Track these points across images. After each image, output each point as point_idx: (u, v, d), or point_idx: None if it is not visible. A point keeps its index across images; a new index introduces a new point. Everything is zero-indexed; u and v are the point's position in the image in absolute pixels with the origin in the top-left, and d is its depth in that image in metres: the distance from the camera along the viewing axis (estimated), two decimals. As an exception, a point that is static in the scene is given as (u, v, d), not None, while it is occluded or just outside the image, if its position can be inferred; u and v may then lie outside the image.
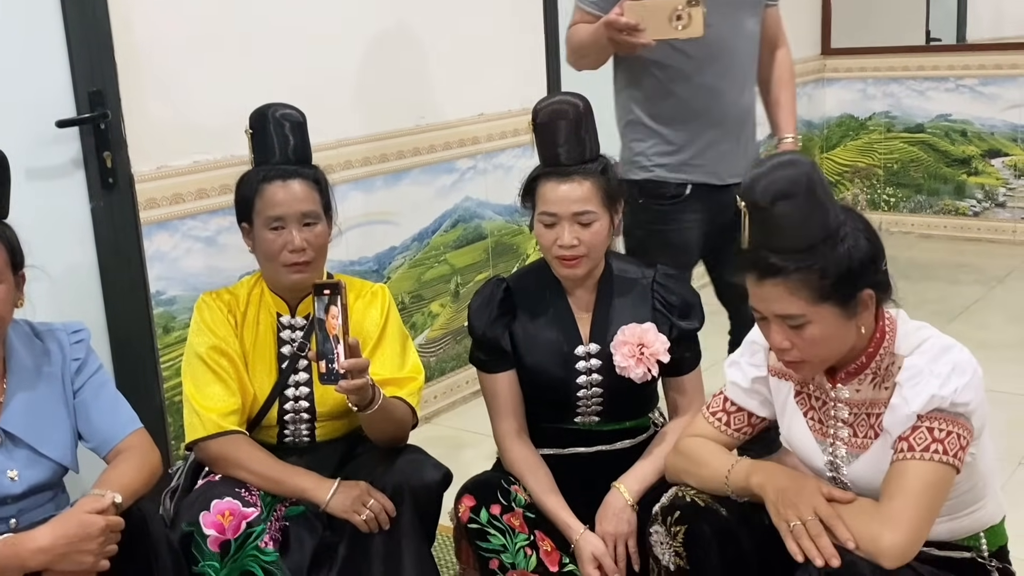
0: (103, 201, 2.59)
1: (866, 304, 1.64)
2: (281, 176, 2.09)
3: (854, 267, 1.60)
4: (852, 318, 1.63)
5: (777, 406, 1.87)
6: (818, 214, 1.57)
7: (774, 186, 1.57)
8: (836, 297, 1.59)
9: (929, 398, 1.60)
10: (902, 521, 1.56)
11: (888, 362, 1.69)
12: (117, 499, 1.77)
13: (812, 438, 1.81)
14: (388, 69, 3.34)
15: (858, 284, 1.61)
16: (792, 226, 1.57)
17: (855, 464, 1.74)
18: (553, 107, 2.12)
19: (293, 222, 2.07)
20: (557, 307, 2.18)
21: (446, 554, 2.58)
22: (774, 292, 1.61)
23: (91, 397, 1.97)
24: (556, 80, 3.97)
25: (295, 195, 2.07)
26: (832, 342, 1.63)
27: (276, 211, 2.07)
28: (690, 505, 1.76)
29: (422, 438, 2.25)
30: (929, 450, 1.59)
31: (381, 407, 1.97)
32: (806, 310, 1.60)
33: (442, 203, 3.61)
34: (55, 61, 2.48)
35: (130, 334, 2.67)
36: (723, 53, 2.60)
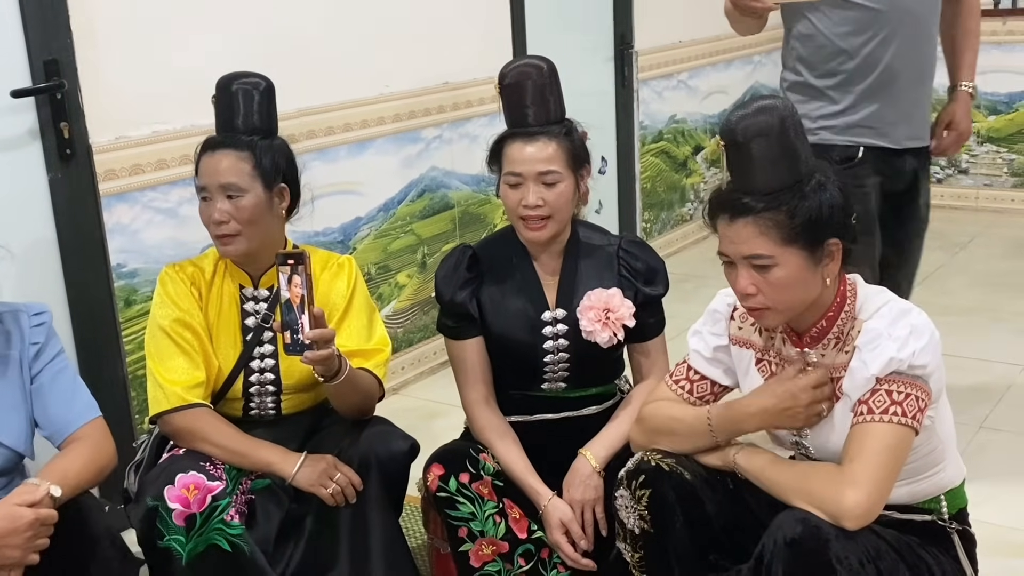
0: (61, 173, 2.54)
1: (832, 254, 1.66)
2: (212, 146, 2.07)
3: (824, 213, 1.63)
4: (818, 265, 1.65)
5: (740, 375, 1.89)
6: (790, 157, 1.61)
7: (752, 126, 1.61)
8: (803, 241, 1.62)
9: (887, 361, 1.62)
10: (864, 482, 1.58)
11: (849, 326, 1.72)
12: (55, 492, 1.71)
13: None
14: (352, 37, 3.29)
15: (826, 231, 1.64)
16: (764, 166, 1.61)
17: (816, 430, 1.76)
18: (520, 69, 2.13)
19: (215, 193, 2.04)
20: (524, 273, 2.18)
21: (414, 524, 2.59)
22: (744, 232, 1.64)
23: (48, 383, 1.92)
24: (522, 49, 3.94)
25: (218, 166, 2.04)
26: (797, 289, 1.65)
27: (201, 180, 2.06)
28: (655, 469, 1.78)
29: (390, 409, 2.25)
30: (888, 412, 1.61)
31: (347, 378, 1.96)
32: (774, 251, 1.62)
33: (408, 173, 3.58)
34: (9, 30, 2.43)
35: (91, 308, 2.64)
36: (895, 7, 2.50)
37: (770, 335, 1.82)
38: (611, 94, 4.64)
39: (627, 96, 4.66)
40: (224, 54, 2.75)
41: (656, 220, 5.02)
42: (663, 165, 5.02)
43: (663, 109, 4.96)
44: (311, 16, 3.16)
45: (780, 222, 1.61)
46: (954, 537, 1.79)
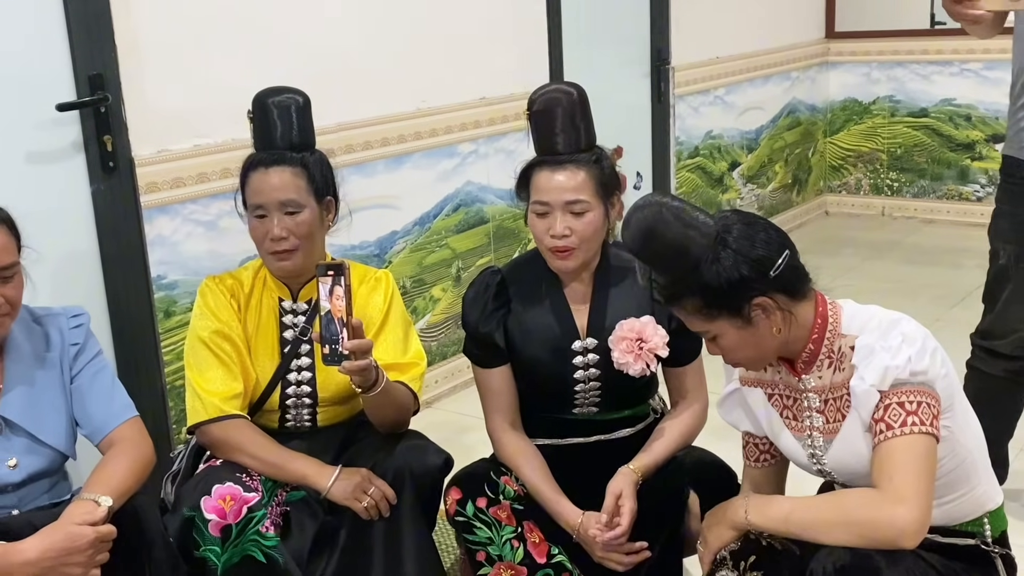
0: (104, 185, 2.58)
1: (765, 309, 1.67)
2: (264, 163, 2.08)
3: (725, 286, 1.65)
4: (753, 325, 1.68)
5: (758, 415, 1.89)
6: (683, 242, 1.65)
7: (637, 231, 1.67)
8: (724, 313, 1.68)
9: (884, 371, 1.63)
10: (910, 495, 1.57)
11: (838, 343, 1.72)
12: (107, 502, 1.75)
13: (791, 435, 1.83)
14: (390, 53, 3.32)
15: (740, 298, 1.66)
16: (663, 260, 1.69)
17: (831, 450, 1.76)
18: (549, 95, 2.11)
19: (273, 210, 2.06)
20: (553, 299, 2.15)
21: (447, 539, 2.59)
22: (679, 315, 1.75)
23: (87, 383, 1.96)
24: (559, 64, 3.95)
25: (275, 183, 2.06)
26: (748, 349, 1.71)
27: (257, 199, 2.07)
28: (766, 549, 1.74)
29: (423, 423, 2.25)
30: (907, 424, 1.61)
31: (384, 390, 1.97)
32: (708, 326, 1.71)
33: (443, 187, 3.60)
34: (55, 44, 2.47)
35: (131, 318, 2.67)
36: None
37: (776, 369, 1.82)
38: (647, 109, 4.64)
39: (663, 111, 4.66)
40: (264, 69, 2.78)
41: (691, 236, 5.00)
42: (699, 181, 5.01)
43: (699, 125, 4.95)
44: (350, 32, 3.19)
45: (696, 305, 1.69)
46: (998, 563, 1.76)
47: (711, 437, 2.27)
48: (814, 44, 5.85)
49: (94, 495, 1.76)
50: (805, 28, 5.78)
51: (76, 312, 2.00)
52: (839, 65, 5.96)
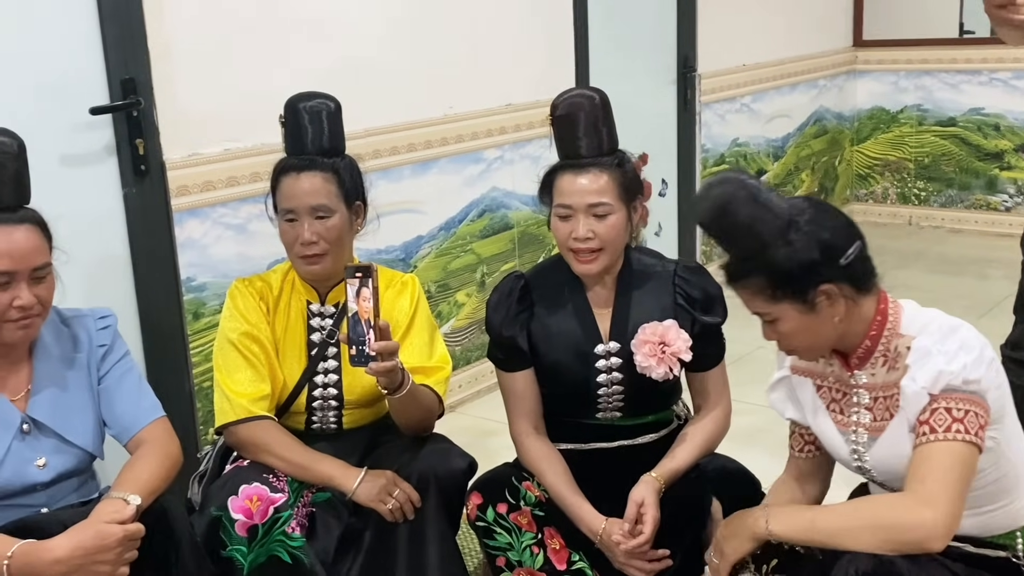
0: (135, 188, 2.61)
1: (831, 297, 1.68)
2: (296, 168, 2.10)
3: (796, 268, 1.65)
4: (815, 312, 1.68)
5: (804, 404, 1.88)
6: (757, 221, 1.65)
7: (712, 204, 1.68)
8: (789, 297, 1.68)
9: (937, 374, 1.62)
10: (940, 500, 1.57)
11: (896, 343, 1.72)
12: (136, 501, 1.77)
13: (835, 429, 1.82)
14: (417, 58, 3.34)
15: (807, 283, 1.66)
16: (735, 236, 1.69)
17: (874, 447, 1.76)
18: (572, 100, 2.12)
19: (304, 215, 2.08)
20: (576, 303, 2.16)
21: (470, 542, 2.59)
22: (742, 294, 1.74)
23: (115, 384, 1.98)
24: (584, 70, 3.96)
25: (306, 188, 2.08)
26: (806, 335, 1.71)
27: (288, 203, 2.09)
28: (788, 553, 1.73)
29: (446, 427, 2.26)
30: (951, 430, 1.61)
31: (410, 392, 1.98)
32: (768, 309, 1.70)
33: (469, 192, 3.61)
34: (89, 49, 2.51)
35: (161, 320, 2.70)
36: None
37: (828, 362, 1.82)
38: (673, 117, 4.64)
39: (689, 119, 4.66)
40: (294, 74, 2.81)
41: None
42: (724, 188, 4.99)
43: (725, 132, 4.94)
44: (379, 39, 3.22)
45: (761, 285, 1.69)
46: (1027, 577, 1.75)
47: (734, 445, 2.27)
48: (841, 52, 5.82)
49: (123, 494, 1.78)
50: (832, 36, 5.76)
51: (104, 314, 2.03)
52: (867, 73, 5.93)
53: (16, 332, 1.83)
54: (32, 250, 1.81)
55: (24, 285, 1.80)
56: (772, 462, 2.08)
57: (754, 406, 3.31)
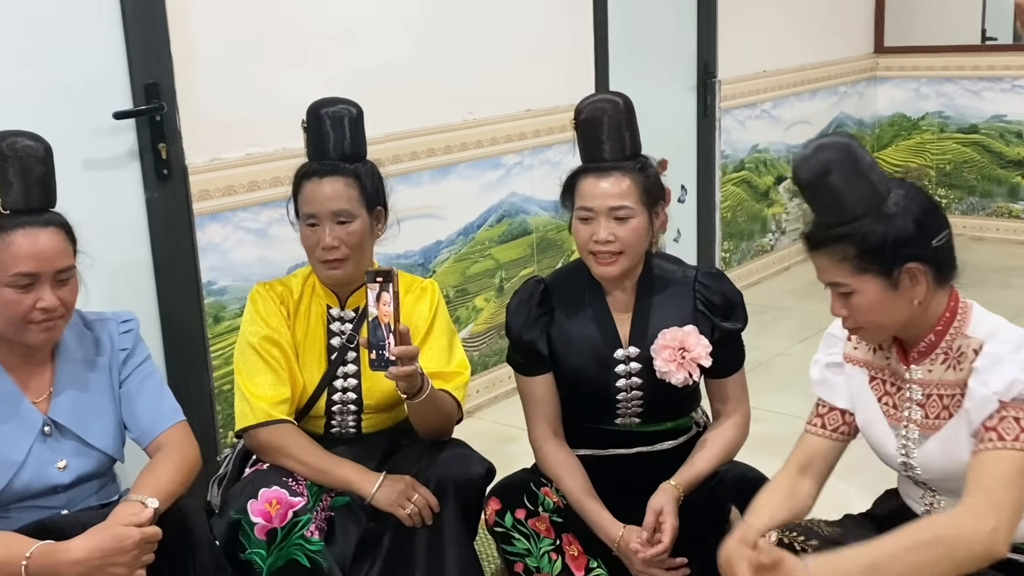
0: (158, 192, 2.63)
1: (914, 277, 1.67)
2: (317, 173, 2.11)
3: (889, 242, 1.64)
4: (897, 290, 1.66)
5: (853, 394, 1.87)
6: (856, 189, 1.65)
7: (814, 165, 1.66)
8: (875, 269, 1.66)
9: (1011, 382, 1.62)
10: (1004, 509, 1.57)
11: (960, 343, 1.71)
12: (154, 504, 1.78)
13: (885, 423, 1.81)
14: (437, 64, 3.36)
15: (896, 258, 1.65)
16: (831, 201, 1.67)
17: (926, 445, 1.74)
18: (596, 104, 2.13)
19: (326, 220, 2.09)
20: (596, 308, 2.16)
21: (488, 548, 2.59)
22: (821, 262, 1.70)
23: (135, 387, 1.99)
24: (604, 75, 3.96)
25: (328, 193, 2.09)
26: (880, 312, 1.69)
27: (310, 208, 2.11)
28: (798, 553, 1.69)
29: (464, 432, 2.26)
30: (1020, 439, 1.60)
31: (429, 397, 1.99)
32: (849, 279, 1.68)
33: (488, 198, 3.62)
34: (113, 54, 2.53)
35: (181, 323, 2.72)
36: None
37: (884, 354, 1.82)
38: (693, 123, 4.63)
39: (709, 125, 4.65)
40: (315, 80, 2.82)
41: (736, 250, 4.98)
42: (744, 195, 4.98)
43: (745, 138, 4.93)
44: (400, 44, 3.23)
45: (849, 254, 1.66)
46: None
47: (752, 452, 2.26)
48: (862, 59, 5.80)
49: (141, 497, 1.79)
50: (853, 43, 5.74)
51: (126, 317, 2.04)
52: (888, 80, 5.90)
53: (39, 334, 1.84)
54: (57, 253, 1.83)
55: (48, 287, 1.82)
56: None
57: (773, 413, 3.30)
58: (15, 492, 1.84)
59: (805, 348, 4.15)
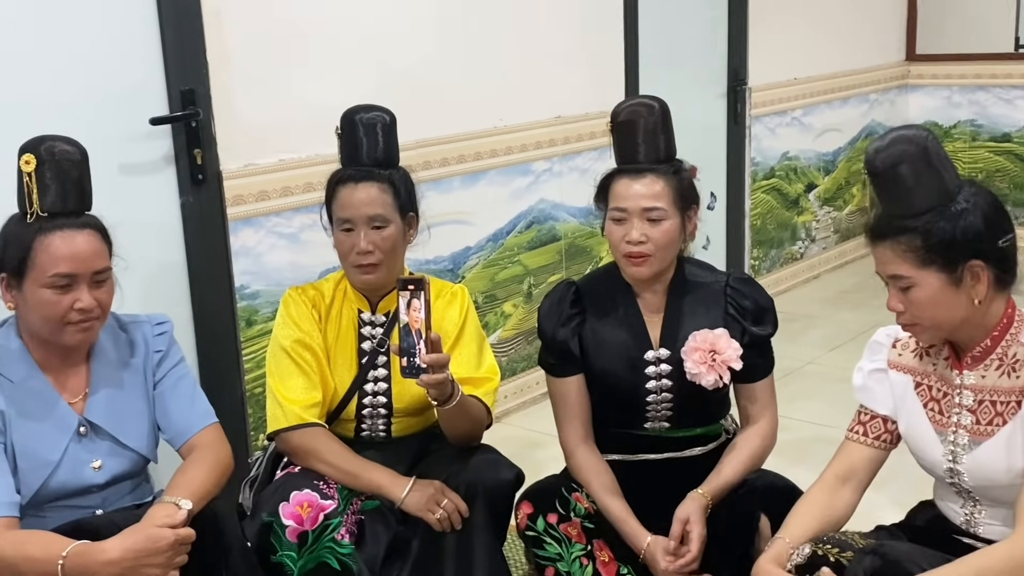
0: (192, 197, 2.67)
1: (976, 275, 1.66)
2: (353, 179, 2.13)
3: (957, 236, 1.64)
4: (959, 286, 1.66)
5: (896, 400, 1.86)
6: (927, 183, 1.66)
7: (889, 156, 1.68)
8: (939, 263, 1.66)
9: None
10: None
11: (1016, 350, 1.70)
12: (187, 505, 1.79)
13: (931, 429, 1.80)
14: (468, 71, 3.37)
15: (962, 254, 1.65)
16: (900, 192, 1.68)
17: (976, 451, 1.73)
18: (632, 108, 2.15)
19: (361, 224, 2.11)
20: (627, 310, 2.17)
21: (516, 553, 2.60)
22: (884, 254, 1.71)
23: (169, 389, 2.01)
24: (634, 84, 3.97)
25: (363, 198, 2.11)
26: (939, 308, 1.68)
27: (344, 213, 2.13)
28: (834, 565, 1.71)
29: (492, 438, 2.26)
30: None
31: (459, 403, 2.00)
32: (911, 272, 1.68)
33: (517, 204, 3.63)
34: (150, 60, 2.57)
35: (214, 326, 2.75)
36: None
37: (931, 360, 1.81)
38: (723, 130, 4.63)
39: (739, 132, 4.64)
40: (347, 87, 2.85)
41: (765, 258, 4.96)
42: (774, 202, 4.97)
43: (775, 146, 4.91)
44: (431, 52, 3.25)
45: (914, 246, 1.66)
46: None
47: (780, 461, 2.26)
48: (894, 66, 5.76)
49: (175, 498, 1.81)
50: (885, 50, 5.71)
51: (160, 320, 2.06)
52: (919, 88, 5.86)
53: (76, 335, 1.87)
54: (93, 254, 1.86)
55: (85, 288, 1.84)
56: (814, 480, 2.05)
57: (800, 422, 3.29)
58: (51, 491, 1.87)
59: (834, 357, 4.13)
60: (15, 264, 1.83)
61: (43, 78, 2.37)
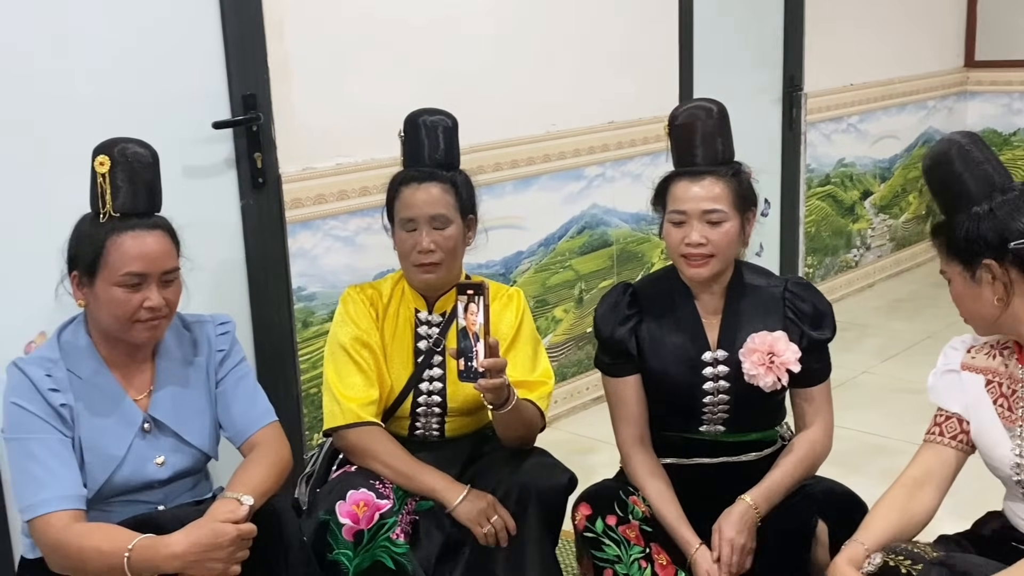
0: (252, 199, 2.71)
1: (992, 274, 1.72)
2: (416, 179, 2.17)
3: (971, 236, 1.73)
4: (977, 284, 1.74)
5: (968, 399, 1.85)
6: (946, 185, 1.78)
7: (928, 157, 1.83)
8: (959, 260, 1.77)
9: None
10: None
11: None
12: (249, 501, 1.82)
13: (1000, 425, 1.79)
14: (521, 76, 3.39)
15: (976, 253, 1.73)
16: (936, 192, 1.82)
17: None
18: (690, 110, 2.15)
19: (423, 224, 2.14)
20: (685, 311, 2.17)
21: (567, 558, 2.60)
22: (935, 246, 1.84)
23: (231, 388, 2.05)
24: (688, 89, 3.96)
25: (426, 198, 2.14)
26: (967, 303, 1.79)
27: (408, 212, 2.15)
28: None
29: (542, 442, 2.26)
30: None
31: (514, 407, 2.01)
32: (945, 268, 1.81)
33: (569, 209, 3.64)
34: (213, 66, 2.62)
35: (272, 327, 2.79)
36: None
37: (1004, 360, 1.81)
38: (778, 136, 4.59)
39: (794, 138, 4.61)
40: (403, 92, 2.88)
41: (819, 265, 4.91)
42: (829, 209, 4.92)
43: (831, 152, 4.87)
44: (484, 57, 3.28)
45: (943, 243, 1.80)
46: None
47: (836, 470, 2.24)
48: (952, 73, 5.68)
49: (237, 494, 1.84)
50: (943, 56, 5.62)
51: (223, 320, 2.10)
52: (978, 95, 5.77)
53: (144, 332, 1.91)
54: (163, 254, 1.90)
55: (154, 287, 1.89)
56: (870, 490, 2.04)
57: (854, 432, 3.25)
58: (115, 486, 1.91)
59: (889, 367, 4.08)
60: (88, 263, 1.88)
61: (114, 82, 2.43)
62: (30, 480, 1.82)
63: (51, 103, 2.33)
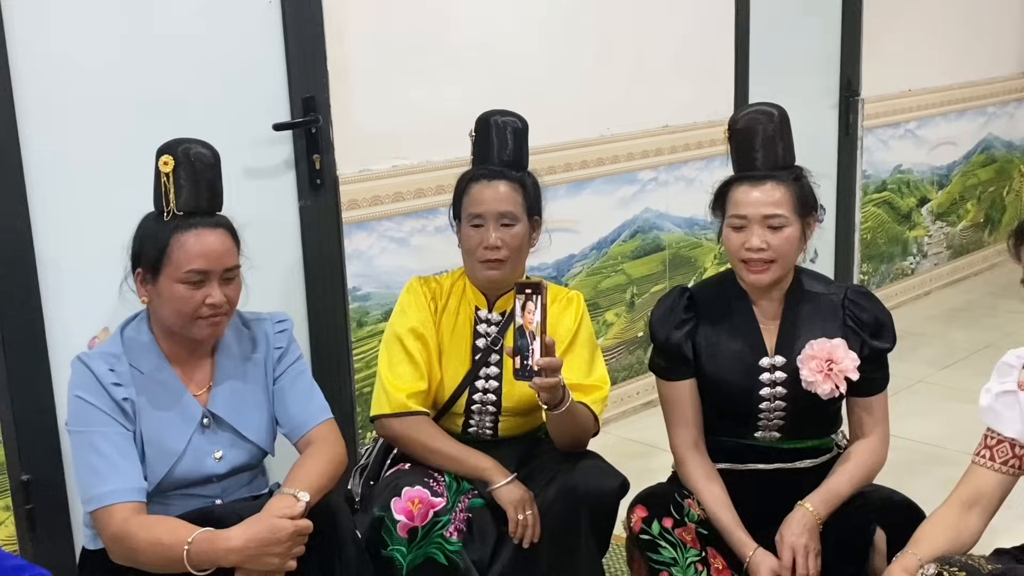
0: (310, 200, 2.75)
1: None
2: (486, 176, 2.19)
3: None
4: None
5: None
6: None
7: None
8: None
9: None
10: None
11: None
12: (305, 498, 1.85)
13: None
14: (576, 80, 3.40)
15: None
16: None
17: None
18: (751, 115, 2.14)
19: (491, 220, 2.16)
20: (742, 316, 2.16)
21: (617, 562, 2.60)
22: None
23: (288, 385, 2.08)
24: (744, 93, 3.93)
25: (494, 195, 2.17)
26: None
27: (476, 209, 2.17)
28: None
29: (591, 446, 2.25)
30: None
31: (568, 409, 2.01)
32: None
33: (622, 213, 3.63)
34: (274, 68, 2.66)
35: (327, 326, 2.82)
36: None
37: None
38: (834, 141, 4.54)
39: (850, 144, 4.55)
40: (460, 96, 2.91)
41: (875, 272, 4.85)
42: (885, 216, 4.85)
43: (887, 159, 4.80)
44: (539, 61, 3.28)
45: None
46: None
47: (893, 480, 2.21)
48: (1013, 79, 5.57)
49: (293, 490, 1.86)
50: (1003, 62, 5.52)
51: (281, 318, 2.13)
52: (1039, 101, 5.66)
53: (205, 328, 1.95)
54: (225, 252, 1.94)
55: (216, 285, 1.92)
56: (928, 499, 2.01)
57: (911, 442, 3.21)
58: (175, 480, 1.95)
59: (946, 376, 4.01)
60: (151, 260, 1.92)
61: (179, 84, 2.48)
62: (93, 472, 1.86)
63: (118, 104, 2.38)
